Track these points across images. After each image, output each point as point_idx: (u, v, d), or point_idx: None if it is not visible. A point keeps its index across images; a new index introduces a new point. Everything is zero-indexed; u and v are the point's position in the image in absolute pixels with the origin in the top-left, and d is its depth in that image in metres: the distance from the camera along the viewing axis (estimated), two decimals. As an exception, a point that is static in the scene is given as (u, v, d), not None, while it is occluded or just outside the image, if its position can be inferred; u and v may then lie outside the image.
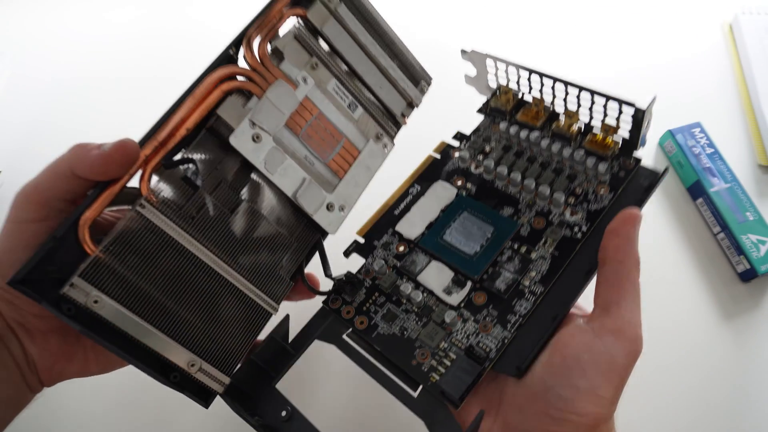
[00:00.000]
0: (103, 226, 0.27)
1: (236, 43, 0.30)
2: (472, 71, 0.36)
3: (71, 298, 0.24)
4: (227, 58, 0.30)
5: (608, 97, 0.30)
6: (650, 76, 0.55)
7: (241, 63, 0.30)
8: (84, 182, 0.25)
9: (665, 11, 0.61)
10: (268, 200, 0.31)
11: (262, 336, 0.31)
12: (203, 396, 0.28)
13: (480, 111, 0.37)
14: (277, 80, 0.30)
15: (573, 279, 0.29)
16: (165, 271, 0.26)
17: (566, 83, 0.31)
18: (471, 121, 0.38)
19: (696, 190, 0.46)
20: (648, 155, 0.50)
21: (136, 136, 0.26)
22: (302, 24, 0.32)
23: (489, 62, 0.34)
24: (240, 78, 0.30)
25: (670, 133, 0.48)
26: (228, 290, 0.28)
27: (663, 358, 0.39)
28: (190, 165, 0.28)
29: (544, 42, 0.58)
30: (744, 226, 0.42)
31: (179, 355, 0.27)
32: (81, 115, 0.55)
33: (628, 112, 0.30)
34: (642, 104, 0.29)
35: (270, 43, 0.31)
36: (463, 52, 0.35)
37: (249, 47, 0.30)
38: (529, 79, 0.33)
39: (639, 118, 0.29)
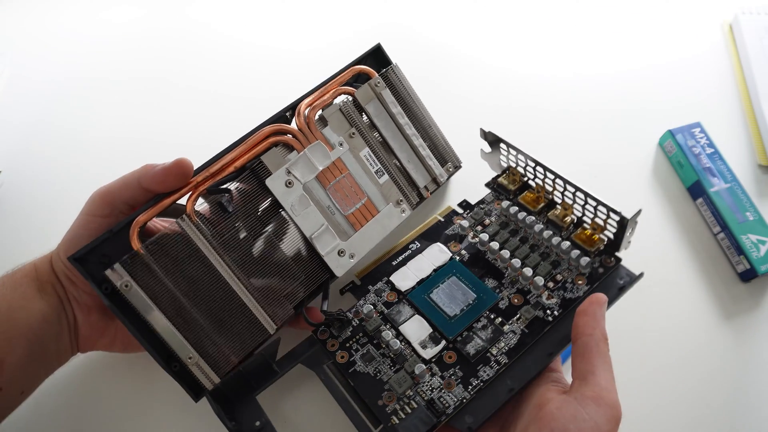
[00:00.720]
0: (152, 232, 0.33)
1: (292, 108, 0.37)
2: (488, 148, 0.41)
3: (109, 280, 0.30)
4: (281, 117, 0.37)
5: (599, 202, 0.33)
6: (650, 76, 0.55)
7: (293, 122, 0.37)
8: (146, 193, 0.31)
9: (665, 11, 0.60)
10: (289, 237, 0.36)
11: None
12: (195, 390, 0.32)
13: (487, 185, 0.41)
14: (317, 141, 0.36)
15: (535, 357, 0.31)
16: (187, 275, 0.32)
17: (566, 181, 0.35)
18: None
19: (696, 190, 0.45)
20: (648, 155, 0.49)
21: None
22: (350, 100, 0.39)
23: (502, 146, 0.38)
24: (287, 134, 0.36)
25: (670, 133, 0.48)
26: (236, 303, 0.33)
27: (663, 358, 0.38)
28: (227, 194, 0.34)
29: (544, 42, 0.59)
30: (744, 226, 0.42)
31: (181, 347, 0.31)
32: (81, 116, 0.54)
33: (615, 217, 0.33)
34: (627, 213, 0.32)
35: (323, 109, 0.37)
36: (482, 131, 0.39)
37: (299, 114, 0.36)
38: (534, 169, 0.37)
39: (624, 224, 0.32)
